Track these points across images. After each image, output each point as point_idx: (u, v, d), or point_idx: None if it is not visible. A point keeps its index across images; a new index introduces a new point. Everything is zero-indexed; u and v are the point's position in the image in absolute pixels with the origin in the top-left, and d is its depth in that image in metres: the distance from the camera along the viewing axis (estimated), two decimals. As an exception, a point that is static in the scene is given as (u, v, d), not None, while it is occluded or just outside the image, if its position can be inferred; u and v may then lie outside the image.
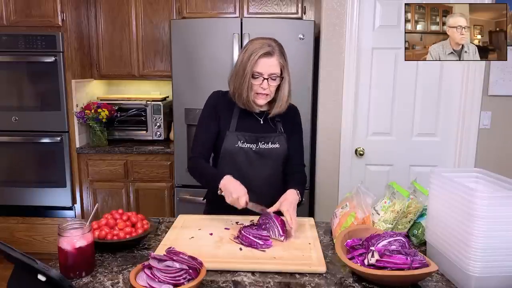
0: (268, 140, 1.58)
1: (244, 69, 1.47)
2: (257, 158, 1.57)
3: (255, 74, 1.48)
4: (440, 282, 1.11)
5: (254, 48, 1.47)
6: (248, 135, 1.56)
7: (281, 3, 2.99)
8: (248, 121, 1.59)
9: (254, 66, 1.46)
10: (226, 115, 1.59)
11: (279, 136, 1.60)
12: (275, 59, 1.47)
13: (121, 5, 3.10)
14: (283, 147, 1.60)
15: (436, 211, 1.18)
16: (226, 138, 1.56)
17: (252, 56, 1.46)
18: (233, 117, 1.58)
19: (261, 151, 1.57)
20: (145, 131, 3.21)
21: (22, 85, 2.95)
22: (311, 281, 1.11)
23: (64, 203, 3.06)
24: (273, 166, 1.61)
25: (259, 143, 1.57)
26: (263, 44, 1.47)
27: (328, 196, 2.73)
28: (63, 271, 1.09)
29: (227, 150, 1.56)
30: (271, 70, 1.47)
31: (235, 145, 1.56)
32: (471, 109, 2.59)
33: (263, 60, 1.46)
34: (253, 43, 1.49)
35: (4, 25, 2.87)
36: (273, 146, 1.58)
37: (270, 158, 1.59)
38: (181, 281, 1.00)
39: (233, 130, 1.57)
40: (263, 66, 1.47)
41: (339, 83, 2.62)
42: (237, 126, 1.58)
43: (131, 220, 1.34)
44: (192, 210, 2.25)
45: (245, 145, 1.56)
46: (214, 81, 2.65)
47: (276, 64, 1.48)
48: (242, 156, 1.56)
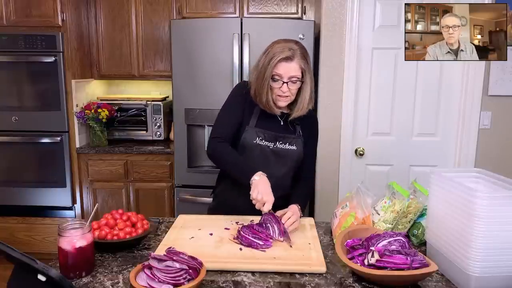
0: (286, 141, 1.57)
1: (264, 72, 1.47)
2: (273, 157, 1.57)
3: (274, 77, 1.47)
4: (440, 282, 1.11)
5: (275, 52, 1.45)
6: (268, 133, 1.56)
7: (281, 3, 2.99)
8: (269, 120, 1.58)
9: (274, 69, 1.45)
10: (249, 109, 1.58)
11: (297, 139, 1.59)
12: (295, 63, 1.46)
13: (121, 5, 3.10)
14: (299, 150, 1.60)
15: (436, 211, 1.18)
16: (245, 133, 1.56)
17: (272, 60, 1.45)
18: (254, 114, 1.57)
19: (278, 151, 1.57)
20: (145, 131, 3.21)
21: (22, 85, 2.95)
22: (311, 281, 1.11)
23: (64, 203, 3.06)
24: (287, 167, 1.60)
25: (277, 143, 1.57)
26: (284, 47, 1.45)
27: (328, 196, 2.73)
28: (63, 271, 1.09)
29: (245, 144, 1.56)
30: (291, 73, 1.46)
31: (253, 141, 1.55)
32: (471, 109, 2.59)
33: (283, 64, 1.45)
34: (274, 46, 1.48)
35: (4, 25, 2.87)
36: (290, 147, 1.58)
37: (286, 158, 1.58)
38: (181, 281, 1.00)
39: (253, 126, 1.56)
40: (283, 69, 1.45)
41: (339, 83, 2.62)
42: (257, 122, 1.57)
43: (131, 220, 1.34)
44: (192, 210, 2.25)
45: (263, 143, 1.56)
46: (214, 81, 2.66)
47: (296, 68, 1.46)
48: (258, 153, 1.56)
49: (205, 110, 2.69)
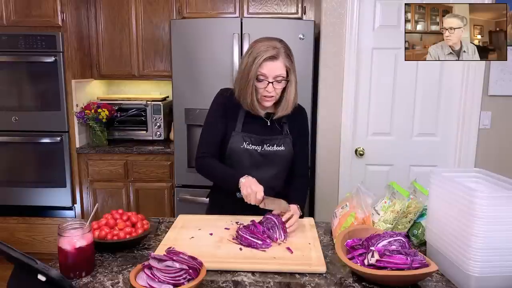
0: (273, 142, 1.57)
1: (248, 73, 1.45)
2: (262, 160, 1.56)
3: (259, 77, 1.45)
4: (440, 282, 1.11)
5: (259, 51, 1.43)
6: (254, 137, 1.55)
7: (281, 3, 2.99)
8: (254, 123, 1.57)
9: (258, 69, 1.44)
10: (232, 115, 1.57)
11: (284, 139, 1.59)
12: (280, 61, 1.44)
13: (121, 5, 3.10)
14: (288, 150, 1.59)
15: (436, 211, 1.18)
16: (232, 138, 1.55)
17: (257, 59, 1.42)
18: (239, 118, 1.57)
19: (266, 153, 1.56)
20: (145, 131, 3.21)
21: (22, 85, 2.95)
22: (311, 281, 1.11)
23: (64, 203, 3.06)
24: (278, 169, 1.60)
25: (264, 145, 1.56)
26: (268, 46, 1.43)
27: (328, 196, 2.73)
28: (63, 271, 1.09)
29: (233, 150, 1.55)
30: (276, 72, 1.45)
31: (240, 146, 1.55)
32: (471, 109, 2.59)
33: (267, 64, 1.43)
34: (258, 45, 1.45)
35: (4, 25, 2.87)
36: (278, 148, 1.57)
37: (275, 160, 1.58)
38: (181, 281, 1.00)
39: (239, 131, 1.56)
40: (268, 69, 1.44)
41: (339, 83, 2.62)
42: (243, 127, 1.56)
43: (131, 220, 1.34)
44: (192, 210, 2.26)
45: (250, 147, 1.55)
46: (214, 81, 2.65)
47: (281, 67, 1.45)
48: (247, 158, 1.55)
49: (205, 110, 2.62)
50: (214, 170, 1.55)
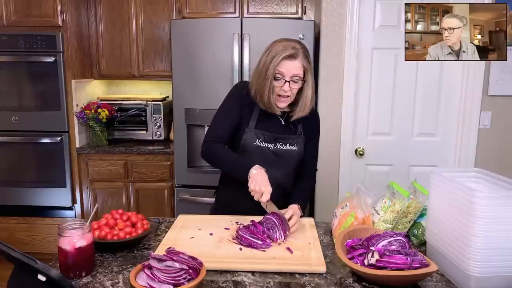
0: (286, 141, 1.57)
1: (266, 71, 1.45)
2: (274, 158, 1.56)
3: (277, 75, 1.45)
4: (440, 282, 1.11)
5: (277, 50, 1.44)
6: (267, 134, 1.55)
7: (281, 3, 2.99)
8: (268, 121, 1.57)
9: (277, 68, 1.44)
10: (248, 110, 1.57)
11: (297, 139, 1.59)
12: (298, 61, 1.45)
13: (121, 5, 3.10)
14: (300, 150, 1.59)
15: (436, 211, 1.18)
16: (245, 135, 1.55)
17: (275, 58, 1.43)
18: (254, 115, 1.56)
19: (278, 152, 1.56)
20: (145, 131, 3.21)
21: (22, 85, 2.95)
22: (311, 281, 1.11)
23: (64, 203, 3.06)
24: (288, 168, 1.60)
25: (277, 144, 1.56)
26: (286, 46, 1.44)
27: (328, 196, 2.73)
28: (63, 271, 1.09)
29: (245, 146, 1.55)
30: (294, 72, 1.45)
31: (253, 143, 1.55)
32: (471, 109, 2.59)
33: (285, 62, 1.44)
34: (276, 45, 1.46)
35: (4, 25, 2.87)
36: (291, 148, 1.57)
37: (287, 159, 1.58)
38: (181, 281, 1.00)
39: (253, 128, 1.55)
40: (286, 68, 1.44)
41: (339, 83, 2.62)
42: (257, 124, 1.56)
43: (131, 220, 1.34)
44: (192, 210, 2.26)
45: (263, 144, 1.55)
46: (214, 81, 2.66)
47: (299, 67, 1.45)
48: (258, 154, 1.55)
49: (205, 110, 2.69)
50: (223, 155, 1.53)
